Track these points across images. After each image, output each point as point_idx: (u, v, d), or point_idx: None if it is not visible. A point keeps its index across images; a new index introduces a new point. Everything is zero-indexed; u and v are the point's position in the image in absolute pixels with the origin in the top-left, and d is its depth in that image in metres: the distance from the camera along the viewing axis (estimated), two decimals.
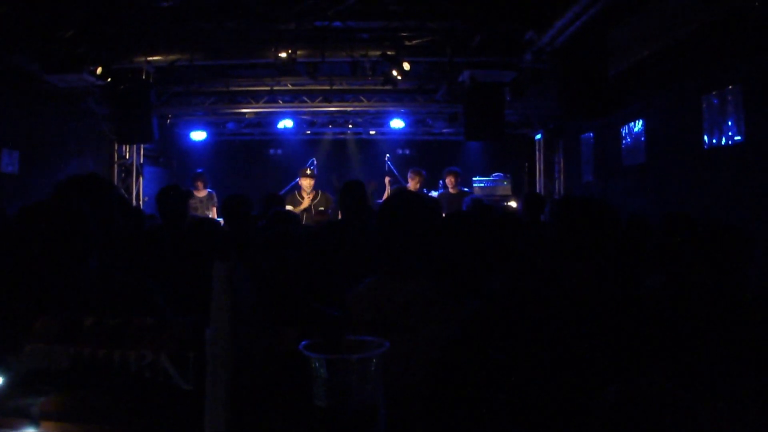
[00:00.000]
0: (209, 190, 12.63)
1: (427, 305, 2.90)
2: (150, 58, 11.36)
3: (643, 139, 10.30)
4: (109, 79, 11.26)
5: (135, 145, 15.20)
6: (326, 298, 3.08)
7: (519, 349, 2.56)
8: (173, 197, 6.37)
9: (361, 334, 1.66)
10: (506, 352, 2.55)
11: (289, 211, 8.10)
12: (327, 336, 1.63)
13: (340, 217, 9.93)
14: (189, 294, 3.28)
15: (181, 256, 4.48)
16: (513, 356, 2.54)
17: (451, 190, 12.16)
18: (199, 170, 12.95)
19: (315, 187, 11.17)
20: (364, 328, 2.84)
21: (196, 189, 12.43)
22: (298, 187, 11.26)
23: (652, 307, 2.90)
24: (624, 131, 10.99)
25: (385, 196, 12.14)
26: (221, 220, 7.54)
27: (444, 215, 4.93)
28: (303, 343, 1.59)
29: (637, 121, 10.48)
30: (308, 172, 11.28)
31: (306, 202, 10.84)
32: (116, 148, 15.05)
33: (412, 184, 11.97)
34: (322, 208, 10.56)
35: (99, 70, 10.95)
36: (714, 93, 8.10)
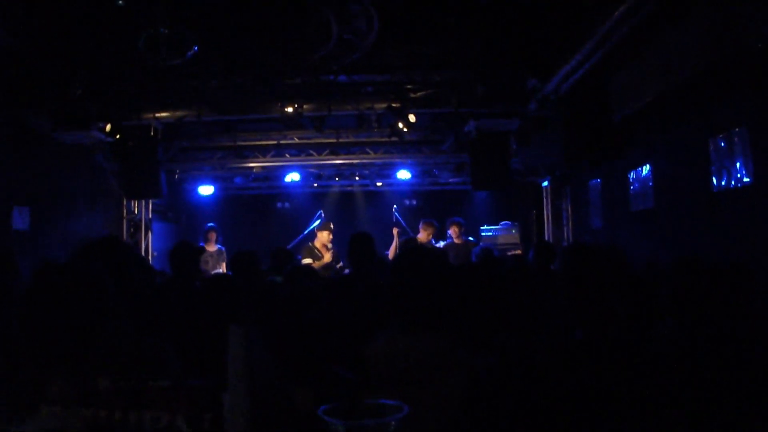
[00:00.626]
0: (219, 246, 12.64)
1: (443, 360, 2.88)
2: (158, 115, 11.50)
3: (650, 183, 10.28)
4: (117, 136, 11.38)
5: (144, 201, 15.23)
6: (340, 355, 3.07)
7: (534, 403, 2.54)
8: (186, 254, 6.38)
9: (378, 391, 1.66)
10: (521, 406, 2.53)
11: (308, 266, 8.09)
12: (344, 399, 1.62)
13: (345, 269, 9.98)
14: (203, 353, 3.27)
15: (195, 315, 4.47)
16: (528, 411, 2.52)
17: (456, 240, 12.17)
18: (212, 225, 12.95)
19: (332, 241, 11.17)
20: (381, 385, 2.83)
21: (208, 243, 12.45)
22: (311, 240, 11.24)
23: (664, 353, 2.88)
24: (631, 176, 10.97)
25: (393, 247, 12.13)
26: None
27: (455, 267, 4.93)
28: (322, 408, 1.59)
29: (644, 166, 10.47)
30: (331, 226, 11.27)
31: (328, 257, 10.79)
32: (125, 203, 15.06)
33: (424, 236, 11.97)
34: (340, 264, 10.53)
35: (108, 128, 11.10)
36: (721, 135, 8.11)
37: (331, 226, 11.30)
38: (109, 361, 2.62)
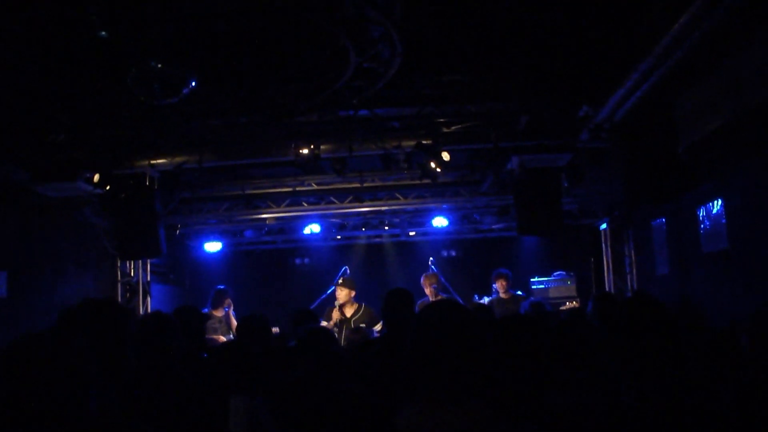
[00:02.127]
0: (225, 308, 12.67)
1: None
2: (153, 162, 11.53)
3: (723, 221, 10.17)
4: (107, 187, 11.41)
5: (140, 261, 15.27)
6: (364, 429, 3.04)
7: None
8: (190, 321, 6.36)
9: None
10: None
11: (323, 328, 8.08)
12: None
13: (377, 331, 9.93)
14: (206, 427, 3.26)
15: (199, 387, 4.47)
16: None
17: (502, 295, 12.15)
18: (222, 287, 12.97)
19: (356, 299, 11.12)
20: None
21: (217, 308, 12.49)
22: (334, 299, 11.24)
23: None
24: (701, 213, 10.88)
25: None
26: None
27: (496, 322, 4.88)
28: None
29: (715, 201, 10.38)
30: (340, 281, 11.26)
31: (335, 316, 10.78)
32: (119, 264, 15.08)
33: (427, 291, 11.91)
34: (363, 325, 10.44)
35: (96, 178, 11.12)
36: None
37: (341, 281, 11.29)
38: None
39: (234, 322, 12.45)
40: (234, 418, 1.60)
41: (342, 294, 11.06)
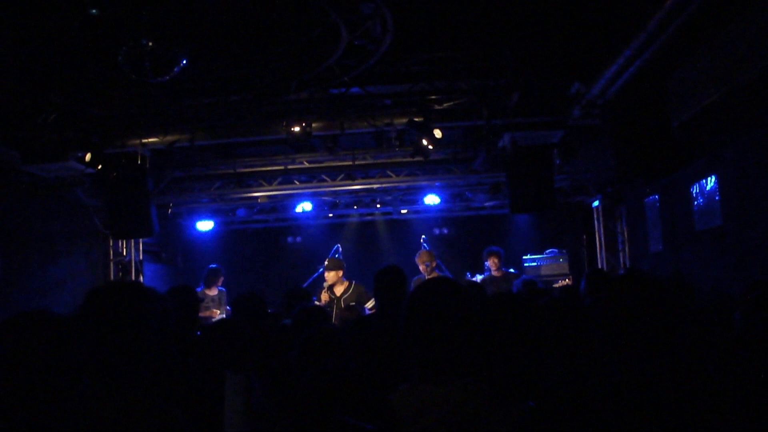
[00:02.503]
0: (219, 288, 12.70)
1: (478, 410, 2.84)
2: (145, 141, 11.50)
3: (717, 197, 10.19)
4: (99, 167, 11.33)
5: (133, 240, 15.26)
6: (360, 407, 3.04)
7: None
8: (184, 300, 6.35)
9: None
10: None
11: (316, 306, 8.10)
12: None
13: (370, 310, 9.94)
14: (200, 405, 3.26)
15: (193, 365, 4.47)
16: None
17: (495, 273, 12.16)
18: (215, 266, 13.01)
19: (346, 277, 11.13)
20: None
21: (210, 287, 12.55)
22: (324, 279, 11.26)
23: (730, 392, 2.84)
24: (694, 190, 10.90)
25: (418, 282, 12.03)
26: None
27: (489, 300, 4.89)
28: None
29: (708, 178, 10.40)
30: (327, 263, 11.27)
31: (324, 297, 10.80)
32: (111, 244, 15.11)
33: (421, 268, 11.90)
34: (353, 303, 10.44)
35: (87, 157, 11.04)
36: None
37: (326, 262, 11.30)
38: (86, 420, 2.61)
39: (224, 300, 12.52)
40: (230, 395, 1.60)
41: (330, 275, 11.07)
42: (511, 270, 12.96)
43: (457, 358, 2.94)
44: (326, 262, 11.34)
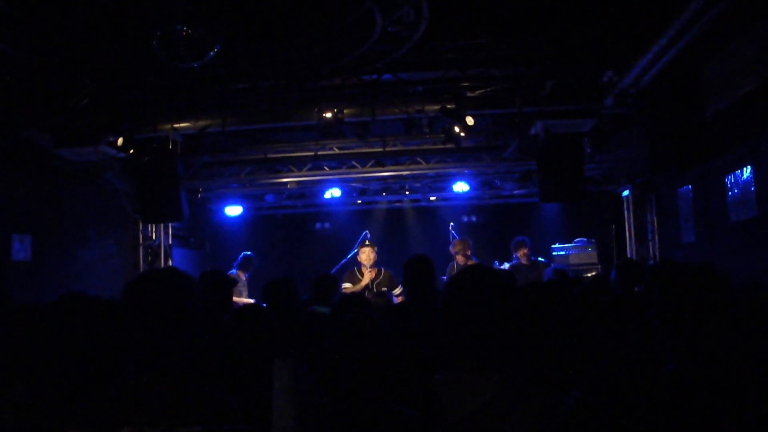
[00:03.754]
0: (247, 274, 12.82)
1: (517, 399, 2.84)
2: (176, 125, 11.56)
3: (753, 188, 10.11)
4: (130, 151, 11.39)
5: (162, 225, 15.35)
6: (402, 393, 3.06)
7: None
8: (217, 285, 6.34)
9: None
10: None
11: (359, 295, 8.10)
12: None
13: (398, 298, 9.94)
14: (238, 392, 3.28)
15: (228, 352, 4.49)
16: None
17: (524, 262, 12.12)
18: (251, 254, 13.12)
19: (377, 263, 11.12)
20: (450, 428, 2.79)
21: (246, 271, 12.70)
22: (356, 263, 11.24)
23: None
24: (729, 181, 10.81)
25: (452, 270, 12.02)
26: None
27: (522, 289, 4.89)
28: None
29: (744, 168, 10.31)
30: (367, 243, 11.25)
31: (366, 279, 10.78)
32: (141, 228, 15.22)
33: (458, 257, 11.85)
34: (384, 289, 10.46)
35: (119, 141, 11.09)
36: None
37: (367, 243, 11.27)
38: (133, 408, 2.62)
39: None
40: (278, 383, 1.62)
41: (366, 256, 11.04)
42: (540, 259, 12.94)
43: (495, 347, 2.95)
44: (366, 242, 11.34)
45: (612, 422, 2.57)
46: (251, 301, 12.06)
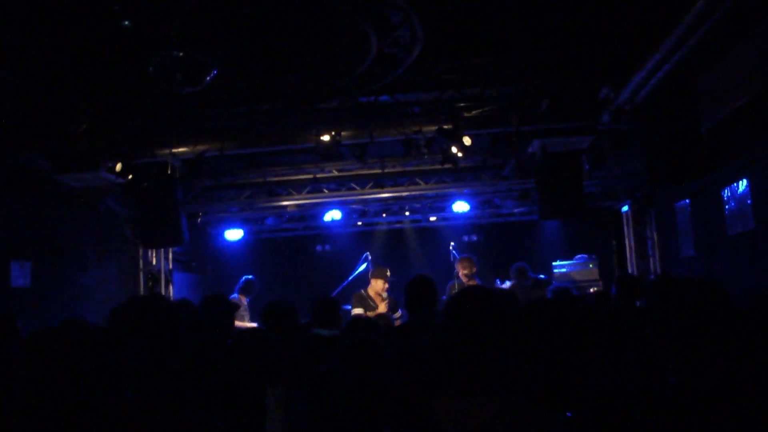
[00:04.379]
0: (248, 298, 12.82)
1: (517, 422, 2.83)
2: (175, 150, 11.57)
3: (749, 201, 10.11)
4: (129, 176, 11.45)
5: (163, 250, 15.34)
6: (401, 417, 3.04)
7: None
8: (220, 310, 6.33)
9: None
10: None
11: (368, 318, 8.11)
12: None
13: (398, 321, 9.93)
14: (236, 416, 3.27)
15: (229, 375, 4.48)
16: None
17: (524, 282, 12.10)
18: (252, 277, 13.10)
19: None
20: None
21: (247, 295, 12.69)
22: (360, 285, 11.23)
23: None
24: (726, 194, 10.82)
25: (452, 289, 12.00)
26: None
27: (522, 308, 4.87)
28: None
29: (740, 181, 10.32)
30: (387, 273, 11.23)
31: (383, 307, 10.77)
32: (141, 253, 15.18)
33: (460, 274, 11.83)
34: (399, 314, 10.49)
35: (118, 167, 11.15)
36: None
37: (388, 273, 11.24)
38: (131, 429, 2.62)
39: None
40: (271, 408, 1.60)
41: (381, 285, 11.04)
42: (542, 276, 12.92)
43: (495, 371, 2.94)
44: (379, 269, 11.31)
45: None
46: (254, 325, 12.03)
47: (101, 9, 7.15)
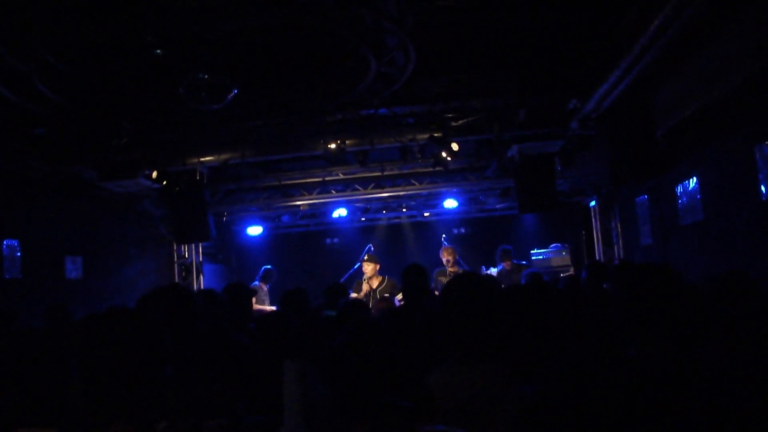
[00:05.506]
0: (268, 285, 12.84)
1: (499, 391, 2.87)
2: (202, 159, 11.67)
3: (698, 196, 10.15)
4: (164, 183, 11.57)
5: (193, 245, 15.37)
6: (398, 387, 3.07)
7: (586, 428, 2.52)
8: (239, 295, 6.38)
9: (436, 422, 1.66)
10: None
11: (359, 300, 8.13)
12: (401, 428, 1.63)
13: (401, 302, 9.94)
14: (260, 391, 3.30)
15: (251, 354, 4.51)
16: None
17: (507, 267, 12.11)
18: (271, 267, 13.14)
19: (380, 272, 11.12)
20: (440, 416, 2.82)
21: (267, 282, 12.72)
22: (361, 274, 11.25)
23: (719, 371, 2.83)
24: (678, 190, 10.85)
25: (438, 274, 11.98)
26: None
27: (504, 292, 4.91)
28: None
29: (691, 179, 10.36)
30: (366, 257, 11.26)
31: (365, 288, 10.79)
32: (175, 248, 15.27)
33: (444, 261, 11.84)
34: (387, 295, 10.44)
35: (154, 174, 11.30)
36: (767, 142, 8.00)
37: (366, 257, 11.24)
38: (168, 405, 2.65)
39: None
40: (288, 382, 1.64)
41: (369, 268, 11.04)
42: (523, 262, 12.93)
43: (485, 343, 2.99)
44: (365, 257, 11.34)
45: (572, 409, 2.58)
46: (274, 308, 12.06)
47: (137, 40, 7.21)
